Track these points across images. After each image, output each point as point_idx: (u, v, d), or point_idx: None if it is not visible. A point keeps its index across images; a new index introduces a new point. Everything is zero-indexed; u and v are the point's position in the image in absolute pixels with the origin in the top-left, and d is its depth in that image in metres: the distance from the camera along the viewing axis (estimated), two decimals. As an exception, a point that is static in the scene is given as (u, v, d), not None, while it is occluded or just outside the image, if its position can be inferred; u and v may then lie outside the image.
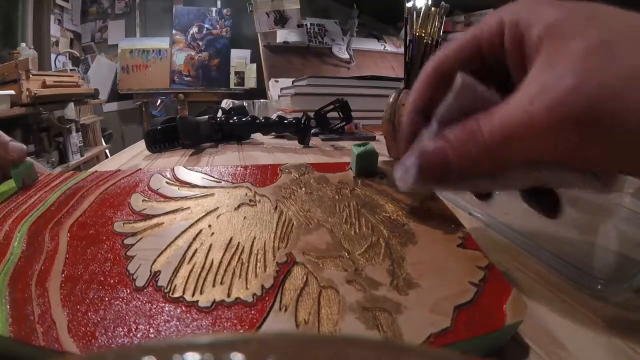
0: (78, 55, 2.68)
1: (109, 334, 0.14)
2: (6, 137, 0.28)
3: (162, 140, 0.57)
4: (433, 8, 0.46)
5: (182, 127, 0.56)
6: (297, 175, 0.27)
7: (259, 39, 1.65)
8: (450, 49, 0.20)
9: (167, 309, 0.15)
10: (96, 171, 0.28)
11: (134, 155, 0.59)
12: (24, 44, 2.02)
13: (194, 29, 2.81)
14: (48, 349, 0.13)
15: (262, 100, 1.26)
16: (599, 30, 0.15)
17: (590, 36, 0.15)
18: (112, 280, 0.16)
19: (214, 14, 2.82)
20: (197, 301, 0.15)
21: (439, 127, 0.18)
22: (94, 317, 0.15)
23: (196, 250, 0.19)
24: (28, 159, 0.28)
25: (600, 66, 0.14)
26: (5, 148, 0.27)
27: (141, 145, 0.63)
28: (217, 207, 0.22)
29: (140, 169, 0.28)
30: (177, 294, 0.16)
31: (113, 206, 0.23)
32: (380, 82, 0.93)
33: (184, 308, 0.15)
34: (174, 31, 2.81)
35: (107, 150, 2.54)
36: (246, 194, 0.24)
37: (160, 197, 0.24)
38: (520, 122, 0.15)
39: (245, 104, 1.02)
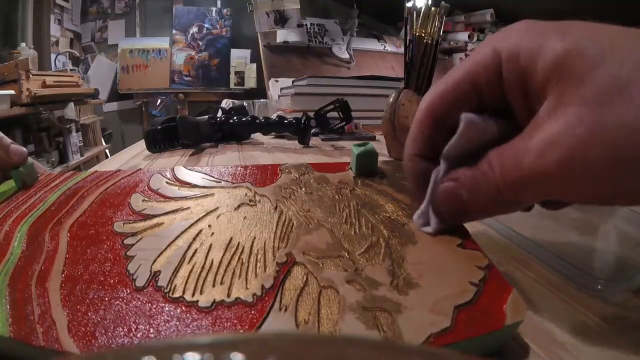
0: (78, 55, 2.68)
1: (109, 334, 0.14)
2: (7, 140, 0.28)
3: (162, 140, 0.57)
4: (433, 8, 0.46)
5: (182, 127, 0.57)
6: (297, 175, 0.27)
7: (259, 38, 1.65)
8: (444, 89, 0.19)
9: (167, 309, 0.15)
10: (96, 171, 0.28)
11: (134, 155, 0.59)
12: (24, 44, 2.02)
13: (194, 29, 2.81)
14: (48, 349, 0.13)
15: (262, 100, 1.26)
16: (610, 65, 0.14)
17: (602, 76, 0.14)
18: (112, 280, 0.16)
19: (214, 14, 2.82)
20: (197, 301, 0.15)
21: (447, 166, 0.19)
22: (94, 317, 0.15)
23: (196, 250, 0.19)
24: (29, 158, 0.28)
25: (612, 113, 0.13)
26: (6, 151, 0.27)
27: (141, 145, 0.63)
28: (217, 207, 0.22)
29: (140, 169, 0.28)
30: (177, 294, 0.16)
31: (113, 206, 0.23)
32: (380, 82, 0.94)
33: (184, 308, 0.15)
34: (174, 31, 2.81)
35: (107, 150, 2.54)
36: (246, 194, 0.24)
37: (160, 197, 0.24)
38: (532, 171, 0.15)
39: (245, 103, 1.02)
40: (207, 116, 0.62)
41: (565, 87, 0.14)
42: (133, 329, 0.14)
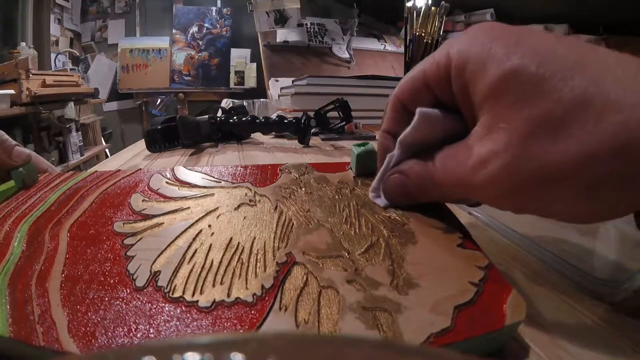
0: (78, 54, 2.68)
1: (109, 334, 0.14)
2: (11, 142, 0.28)
3: (162, 140, 0.57)
4: (433, 8, 0.46)
5: (182, 127, 0.56)
6: (297, 175, 0.27)
7: (259, 38, 1.65)
8: (405, 82, 0.21)
9: (167, 309, 0.15)
10: (96, 171, 0.28)
11: (134, 155, 0.59)
12: (24, 44, 2.02)
13: (194, 29, 2.81)
14: (48, 349, 0.13)
15: (262, 99, 1.26)
16: (547, 98, 0.14)
17: (536, 109, 0.14)
18: (112, 280, 0.16)
19: (214, 14, 2.82)
20: (197, 301, 0.15)
21: (400, 152, 0.22)
22: (94, 317, 0.15)
23: (196, 250, 0.19)
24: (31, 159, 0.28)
25: (535, 149, 0.14)
26: (9, 153, 0.27)
27: (141, 145, 0.63)
28: (217, 207, 0.22)
29: (140, 169, 0.28)
30: (177, 294, 0.16)
31: (113, 206, 0.23)
32: (380, 82, 0.93)
33: (184, 308, 0.15)
34: (174, 30, 2.81)
35: (107, 150, 2.54)
36: (246, 194, 0.24)
37: (160, 197, 0.24)
38: (466, 180, 0.17)
39: (245, 103, 1.02)
40: (207, 116, 0.62)
41: (501, 110, 0.15)
42: (133, 329, 0.14)
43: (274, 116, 0.69)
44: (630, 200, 0.14)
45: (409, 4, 0.48)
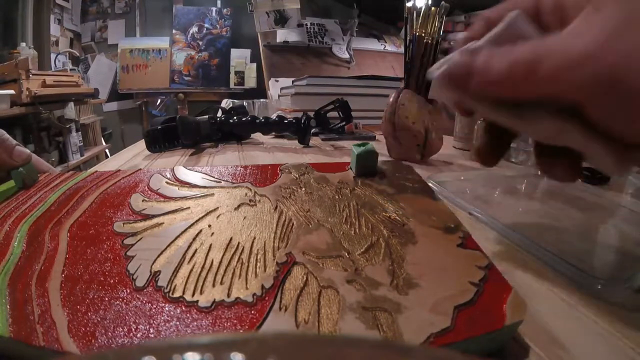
0: (78, 54, 2.68)
1: (109, 334, 0.14)
2: (12, 142, 0.28)
3: (162, 140, 0.57)
4: (433, 8, 0.46)
5: (182, 127, 0.57)
6: (297, 175, 0.27)
7: (259, 38, 1.65)
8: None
9: (167, 309, 0.15)
10: (96, 171, 0.28)
11: (134, 155, 0.59)
12: (24, 44, 2.02)
13: (194, 29, 2.81)
14: (48, 349, 0.13)
15: (262, 100, 1.26)
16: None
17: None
18: (112, 280, 0.16)
19: (214, 14, 2.82)
20: (197, 301, 0.15)
21: (483, 44, 0.18)
22: (94, 317, 0.15)
23: (196, 250, 0.19)
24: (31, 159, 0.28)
25: (629, 35, 0.14)
26: (10, 153, 0.27)
27: (141, 145, 0.63)
28: (217, 207, 0.22)
29: (140, 169, 0.28)
30: (177, 294, 0.16)
31: (113, 206, 0.23)
32: (380, 82, 0.93)
33: (184, 308, 0.15)
34: (174, 31, 2.81)
35: (107, 150, 2.54)
36: (246, 194, 0.24)
37: (160, 197, 0.24)
38: (557, 52, 0.15)
39: (245, 103, 1.02)
40: (207, 116, 0.62)
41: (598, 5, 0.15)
42: (133, 329, 0.14)
43: (274, 116, 0.69)
44: None
45: (409, 4, 0.48)
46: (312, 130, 0.64)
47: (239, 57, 2.83)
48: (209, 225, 0.21)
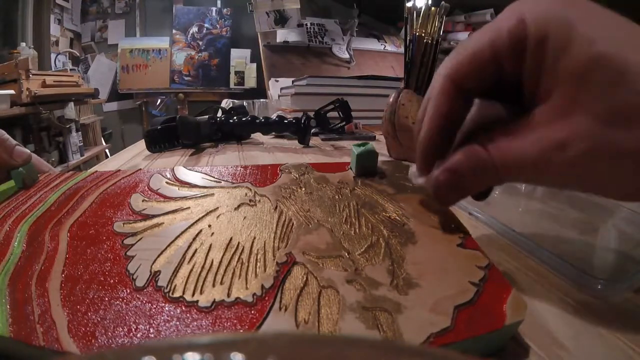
0: (78, 54, 2.68)
1: (109, 334, 0.14)
2: (12, 142, 0.28)
3: (162, 140, 0.57)
4: (433, 8, 0.46)
5: (182, 127, 0.57)
6: (297, 175, 0.27)
7: (259, 38, 1.65)
8: (463, 58, 0.18)
9: (167, 309, 0.15)
10: (96, 171, 0.28)
11: (134, 155, 0.59)
12: (24, 44, 2.02)
13: (194, 29, 2.81)
14: (48, 349, 0.13)
15: (262, 100, 1.26)
16: (631, 89, 0.14)
17: (624, 96, 0.14)
18: (112, 280, 0.16)
19: (214, 14, 2.82)
20: (197, 301, 0.15)
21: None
22: (94, 317, 0.15)
23: (196, 250, 0.19)
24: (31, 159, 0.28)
25: (625, 138, 0.14)
26: (10, 152, 0.27)
27: (141, 145, 0.63)
28: (217, 207, 0.22)
29: (140, 169, 0.28)
30: (177, 294, 0.16)
31: (113, 206, 0.23)
32: (380, 82, 0.93)
33: (184, 308, 0.15)
34: (174, 31, 2.80)
35: (107, 150, 2.54)
36: (246, 194, 0.24)
37: (160, 197, 0.24)
38: (534, 164, 0.16)
39: (245, 103, 1.02)
40: (207, 116, 0.62)
41: (582, 94, 0.15)
42: (133, 329, 0.14)
43: (274, 116, 0.69)
44: None
45: (409, 4, 0.48)
46: (312, 130, 0.64)
47: (239, 57, 2.83)
48: (209, 225, 0.21)
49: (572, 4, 0.16)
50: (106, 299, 0.15)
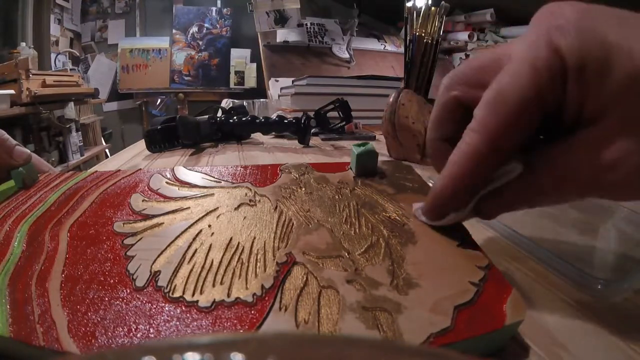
0: (78, 54, 2.68)
1: (109, 334, 0.14)
2: (12, 142, 0.28)
3: (162, 140, 0.57)
4: (433, 8, 0.46)
5: (182, 127, 0.57)
6: (297, 175, 0.27)
7: (259, 38, 1.65)
8: (504, 104, 0.16)
9: (167, 309, 0.15)
10: (96, 171, 0.28)
11: (134, 155, 0.59)
12: (24, 44, 2.02)
13: (194, 29, 2.81)
14: (48, 349, 0.13)
15: (262, 99, 1.26)
16: None
17: None
18: (112, 280, 0.16)
19: (214, 14, 2.82)
20: (197, 301, 0.15)
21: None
22: (94, 317, 0.15)
23: (196, 250, 0.19)
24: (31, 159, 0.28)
25: None
26: (10, 152, 0.27)
27: (141, 145, 0.63)
28: (217, 207, 0.22)
29: (140, 169, 0.28)
30: (177, 294, 0.16)
31: (113, 206, 0.23)
32: (380, 82, 0.93)
33: (184, 308, 0.15)
34: (174, 30, 2.80)
35: (107, 150, 2.54)
36: (246, 194, 0.24)
37: (160, 197, 0.24)
38: (589, 183, 0.16)
39: (245, 103, 1.02)
40: (207, 116, 0.62)
41: (632, 111, 0.14)
42: (133, 329, 0.14)
43: (274, 116, 0.69)
44: None
45: (409, 4, 0.48)
46: (312, 130, 0.64)
47: (239, 57, 2.83)
48: (209, 225, 0.21)
49: (595, 13, 0.15)
50: (106, 299, 0.15)
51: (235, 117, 0.63)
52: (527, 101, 0.15)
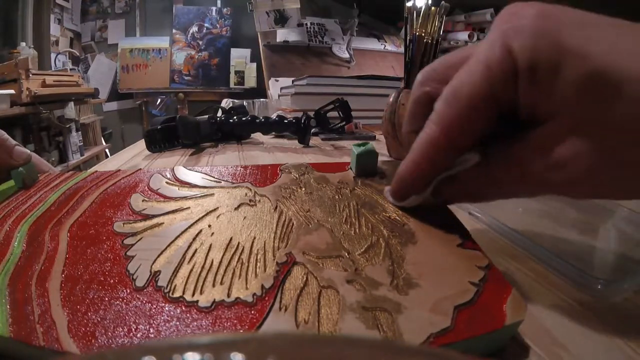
0: (78, 54, 2.68)
1: (109, 334, 0.14)
2: (12, 142, 0.28)
3: (162, 140, 0.57)
4: (433, 7, 0.46)
5: (182, 127, 0.57)
6: (297, 175, 0.27)
7: (259, 38, 1.65)
8: (461, 110, 0.17)
9: (167, 309, 0.15)
10: (96, 171, 0.28)
11: (134, 155, 0.59)
12: (24, 44, 2.02)
13: (194, 28, 2.81)
14: (48, 349, 0.13)
15: (262, 99, 1.26)
16: (633, 101, 0.13)
17: (622, 113, 0.13)
18: (112, 280, 0.16)
19: (214, 13, 2.82)
20: (197, 301, 0.15)
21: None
22: (94, 317, 0.15)
23: (196, 250, 0.19)
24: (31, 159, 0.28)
25: (628, 154, 0.14)
26: (10, 153, 0.27)
27: (141, 145, 0.63)
28: (217, 207, 0.22)
29: (140, 169, 0.28)
30: (177, 294, 0.16)
31: (113, 206, 0.23)
32: (380, 82, 0.93)
33: (184, 308, 0.15)
34: (174, 30, 2.81)
35: (107, 150, 2.54)
36: (246, 194, 0.24)
37: (160, 197, 0.24)
38: (537, 180, 0.16)
39: (245, 103, 1.02)
40: (207, 116, 0.62)
41: (581, 111, 0.14)
42: (133, 329, 0.14)
43: (274, 116, 0.69)
44: None
45: (409, 4, 0.48)
46: (312, 130, 0.64)
47: (239, 56, 2.83)
48: (209, 225, 0.21)
49: (555, 15, 0.15)
50: (106, 299, 0.15)
51: (235, 117, 0.63)
52: (478, 98, 0.16)
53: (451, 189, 0.20)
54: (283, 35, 1.65)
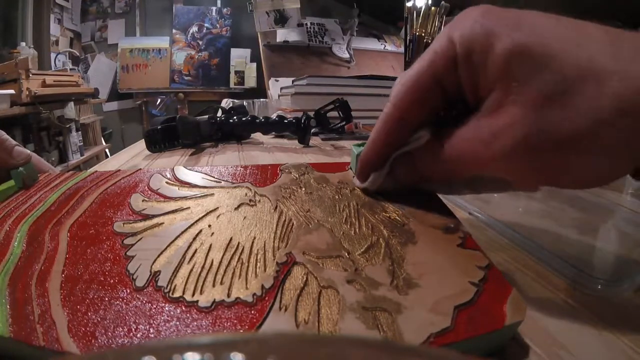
0: (78, 54, 2.68)
1: (109, 334, 0.14)
2: (12, 142, 0.28)
3: (162, 140, 0.57)
4: (433, 7, 0.46)
5: (182, 127, 0.57)
6: (297, 175, 0.27)
7: (259, 38, 1.65)
8: (407, 88, 0.19)
9: (167, 309, 0.15)
10: (96, 171, 0.28)
11: (134, 155, 0.59)
12: (23, 43, 2.02)
13: (194, 28, 2.81)
14: (48, 349, 0.13)
15: (262, 99, 1.26)
16: (554, 70, 0.15)
17: (545, 80, 0.15)
18: (112, 280, 0.16)
19: (214, 13, 2.82)
20: (197, 301, 0.15)
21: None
22: (94, 317, 0.15)
23: (196, 250, 0.19)
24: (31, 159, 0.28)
25: (549, 119, 0.15)
26: (10, 153, 0.27)
27: (141, 145, 0.63)
28: (217, 207, 0.22)
29: (140, 169, 0.28)
30: (177, 294, 0.16)
31: (113, 206, 0.23)
32: (380, 82, 0.93)
33: (184, 308, 0.15)
34: (174, 30, 2.81)
35: (107, 150, 2.54)
36: (246, 194, 0.24)
37: (160, 197, 0.24)
38: (476, 155, 0.17)
39: (245, 103, 1.02)
40: (207, 116, 0.62)
41: (511, 85, 0.16)
42: (133, 329, 0.14)
43: (274, 116, 0.69)
44: (636, 153, 0.15)
45: (409, 4, 0.48)
46: (312, 130, 0.64)
47: (239, 56, 2.83)
48: (209, 225, 0.21)
49: (494, 12, 0.17)
50: (106, 299, 0.15)
51: (235, 117, 0.63)
52: (423, 81, 0.19)
53: (405, 167, 0.22)
54: (283, 35, 1.65)
